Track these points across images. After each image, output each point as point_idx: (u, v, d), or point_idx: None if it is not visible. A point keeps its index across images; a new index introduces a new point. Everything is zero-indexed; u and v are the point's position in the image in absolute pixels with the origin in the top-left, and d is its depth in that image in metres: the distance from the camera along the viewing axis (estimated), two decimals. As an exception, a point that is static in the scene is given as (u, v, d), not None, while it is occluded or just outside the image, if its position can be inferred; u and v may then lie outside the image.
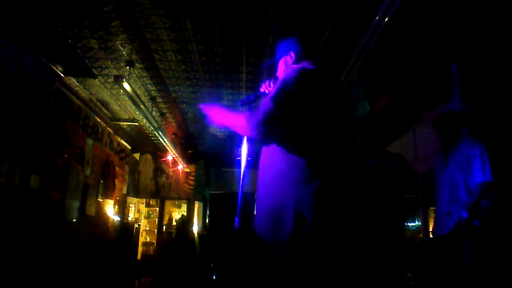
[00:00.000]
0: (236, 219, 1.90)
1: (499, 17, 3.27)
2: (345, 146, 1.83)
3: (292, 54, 2.05)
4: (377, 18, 3.57)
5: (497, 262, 2.82)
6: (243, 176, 1.96)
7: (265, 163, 1.87)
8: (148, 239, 10.08)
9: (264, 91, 2.10)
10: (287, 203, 1.69)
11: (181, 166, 9.87)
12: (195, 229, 10.11)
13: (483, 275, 2.72)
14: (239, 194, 1.94)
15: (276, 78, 2.09)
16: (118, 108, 7.07)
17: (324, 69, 1.92)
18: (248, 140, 1.96)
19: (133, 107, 6.37)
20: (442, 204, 3.04)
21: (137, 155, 9.92)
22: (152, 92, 6.36)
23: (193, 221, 10.07)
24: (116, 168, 7.95)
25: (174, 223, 9.94)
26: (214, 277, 6.75)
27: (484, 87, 3.50)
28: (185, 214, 9.97)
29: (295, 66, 1.93)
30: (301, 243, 1.64)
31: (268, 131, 1.75)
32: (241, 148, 2.00)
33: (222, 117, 1.97)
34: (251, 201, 1.96)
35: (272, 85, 2.07)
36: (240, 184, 1.94)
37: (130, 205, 9.47)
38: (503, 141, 3.22)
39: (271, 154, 1.83)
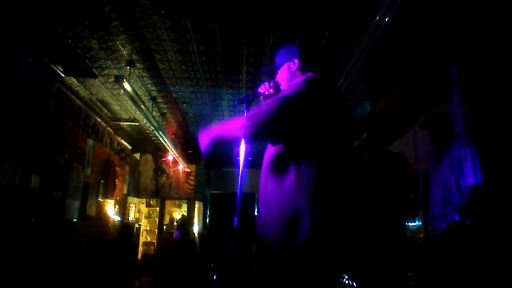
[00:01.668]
0: (235, 219, 1.90)
1: (499, 18, 3.27)
2: (347, 153, 1.89)
3: (296, 60, 2.06)
4: (377, 18, 3.57)
5: (490, 262, 2.83)
6: (241, 177, 1.96)
7: (267, 172, 1.89)
8: (148, 239, 10.08)
9: (264, 92, 2.11)
10: (302, 209, 1.71)
11: (181, 166, 9.88)
12: (196, 229, 10.12)
13: (476, 275, 2.73)
14: (238, 194, 1.94)
15: (276, 82, 2.10)
16: (119, 108, 7.07)
17: (328, 79, 1.96)
18: (249, 140, 1.93)
19: (134, 107, 6.38)
20: (435, 205, 3.04)
21: (137, 155, 9.92)
22: (153, 92, 6.37)
23: (193, 221, 10.08)
24: (117, 168, 7.95)
25: (175, 223, 9.96)
26: (214, 277, 6.75)
27: (484, 88, 3.50)
28: (185, 214, 9.97)
29: (304, 75, 1.95)
30: (320, 247, 1.69)
31: (274, 128, 1.75)
32: (240, 148, 2.00)
33: (221, 128, 1.90)
34: (250, 201, 1.97)
35: (271, 86, 2.08)
36: (239, 185, 1.94)
37: (131, 205, 9.48)
38: (502, 142, 3.22)
39: (273, 161, 1.86)
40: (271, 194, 1.82)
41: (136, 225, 9.44)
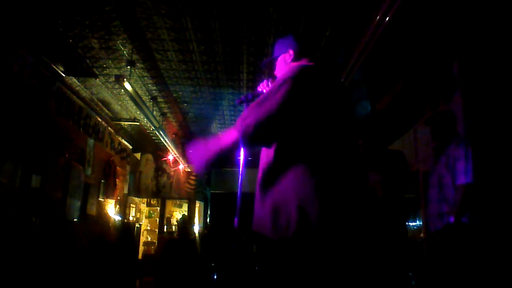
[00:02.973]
0: (235, 219, 1.90)
1: (500, 17, 3.27)
2: (344, 144, 1.79)
3: (291, 51, 2.01)
4: (378, 17, 3.57)
5: (486, 260, 2.83)
6: (241, 176, 1.95)
7: (263, 162, 1.87)
8: (149, 239, 10.09)
9: (262, 90, 2.10)
10: (289, 201, 1.66)
11: (182, 166, 9.88)
12: (196, 228, 10.12)
13: (473, 274, 2.73)
14: (238, 194, 1.93)
15: (274, 77, 2.09)
16: (119, 107, 7.07)
17: (324, 66, 1.89)
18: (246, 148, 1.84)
19: (134, 106, 6.38)
20: (433, 204, 3.06)
21: (138, 155, 9.93)
22: (153, 91, 6.37)
23: (194, 220, 10.08)
24: (117, 167, 7.95)
25: (175, 222, 9.97)
26: (215, 277, 6.75)
27: (485, 87, 3.49)
28: (186, 213, 9.97)
29: (293, 64, 1.91)
30: (306, 240, 1.62)
31: (263, 135, 1.69)
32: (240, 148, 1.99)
33: (211, 143, 1.79)
34: (250, 201, 1.96)
35: (270, 84, 2.07)
36: (239, 184, 1.93)
37: (131, 204, 9.49)
38: (503, 141, 3.22)
39: (268, 153, 1.83)
40: (266, 189, 1.78)
41: (137, 225, 9.44)
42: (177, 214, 10.36)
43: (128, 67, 5.24)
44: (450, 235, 2.79)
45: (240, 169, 1.95)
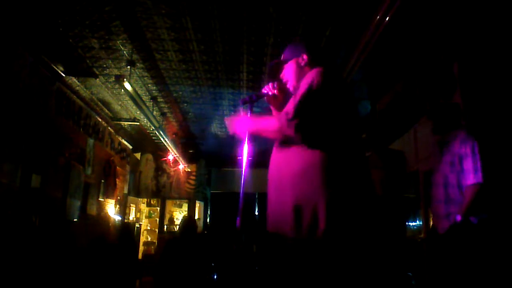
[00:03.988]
0: (238, 219, 1.90)
1: (500, 17, 3.27)
2: (357, 142, 1.88)
3: (305, 56, 2.05)
4: (378, 17, 3.57)
5: (495, 261, 2.82)
6: (244, 176, 1.95)
7: (280, 164, 1.88)
8: (149, 239, 10.10)
9: (268, 92, 2.11)
10: (315, 199, 1.69)
11: (182, 166, 9.88)
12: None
13: (481, 275, 2.71)
14: (241, 194, 1.93)
15: (280, 80, 2.10)
16: (119, 107, 7.07)
17: (334, 69, 1.95)
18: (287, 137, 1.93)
19: (134, 106, 6.38)
20: (439, 205, 2.99)
21: (138, 155, 9.93)
22: (153, 91, 6.37)
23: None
24: (117, 167, 7.95)
25: (176, 222, 9.97)
26: (215, 276, 6.74)
27: (485, 87, 3.49)
28: (186, 213, 9.97)
29: (316, 69, 1.94)
30: (338, 240, 1.66)
31: (299, 129, 1.80)
32: (242, 147, 1.99)
33: (250, 124, 1.98)
34: (250, 201, 1.96)
35: (275, 87, 2.09)
36: (242, 184, 1.93)
37: (131, 204, 9.49)
38: (502, 141, 3.22)
39: (286, 154, 1.84)
40: (285, 186, 1.80)
41: (137, 225, 9.44)
42: (177, 214, 10.36)
43: (128, 67, 5.24)
44: (458, 235, 2.75)
45: (243, 169, 1.95)
